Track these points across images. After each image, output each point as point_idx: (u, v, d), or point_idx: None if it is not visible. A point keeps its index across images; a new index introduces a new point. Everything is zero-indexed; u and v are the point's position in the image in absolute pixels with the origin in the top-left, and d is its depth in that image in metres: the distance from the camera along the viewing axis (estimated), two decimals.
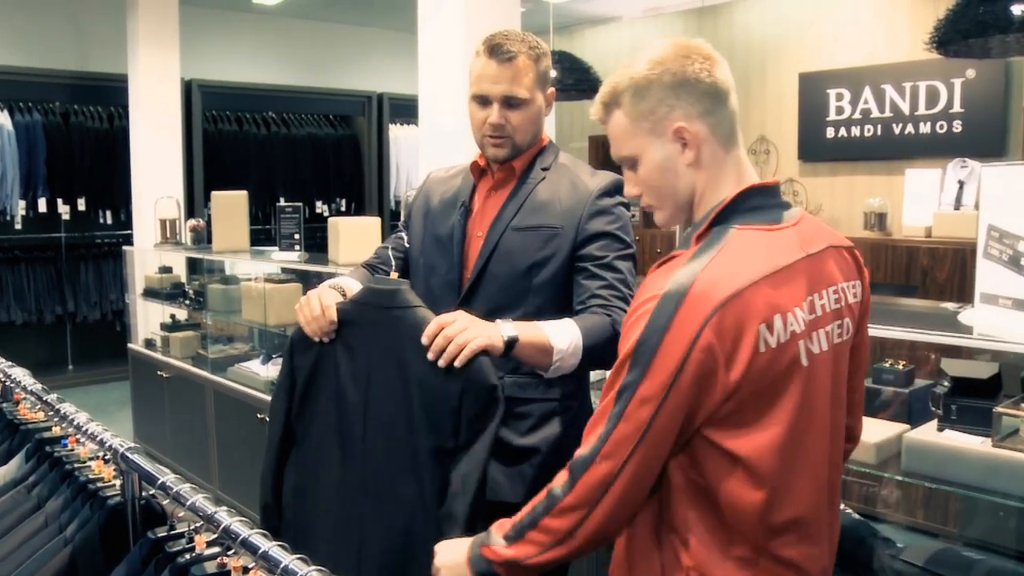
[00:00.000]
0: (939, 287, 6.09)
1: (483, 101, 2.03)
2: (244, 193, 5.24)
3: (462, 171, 2.22)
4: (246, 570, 1.22)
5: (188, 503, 1.30)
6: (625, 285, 1.96)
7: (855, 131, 7.06)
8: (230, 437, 4.70)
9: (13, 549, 1.67)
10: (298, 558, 1.06)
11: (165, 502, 1.39)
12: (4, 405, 2.36)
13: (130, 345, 5.97)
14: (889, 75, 6.83)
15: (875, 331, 2.27)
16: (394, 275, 2.05)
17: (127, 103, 7.11)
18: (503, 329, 1.73)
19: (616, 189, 2.03)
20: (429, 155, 4.07)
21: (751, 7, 7.73)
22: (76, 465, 1.80)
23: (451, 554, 1.49)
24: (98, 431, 1.72)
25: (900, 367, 2.50)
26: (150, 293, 5.89)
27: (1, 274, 7.74)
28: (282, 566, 1.07)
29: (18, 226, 7.62)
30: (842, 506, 2.44)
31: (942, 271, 6.13)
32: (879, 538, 2.33)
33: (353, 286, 2.02)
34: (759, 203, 1.42)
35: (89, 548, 1.57)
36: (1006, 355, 2.26)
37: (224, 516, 1.23)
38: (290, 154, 9.02)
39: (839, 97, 7.10)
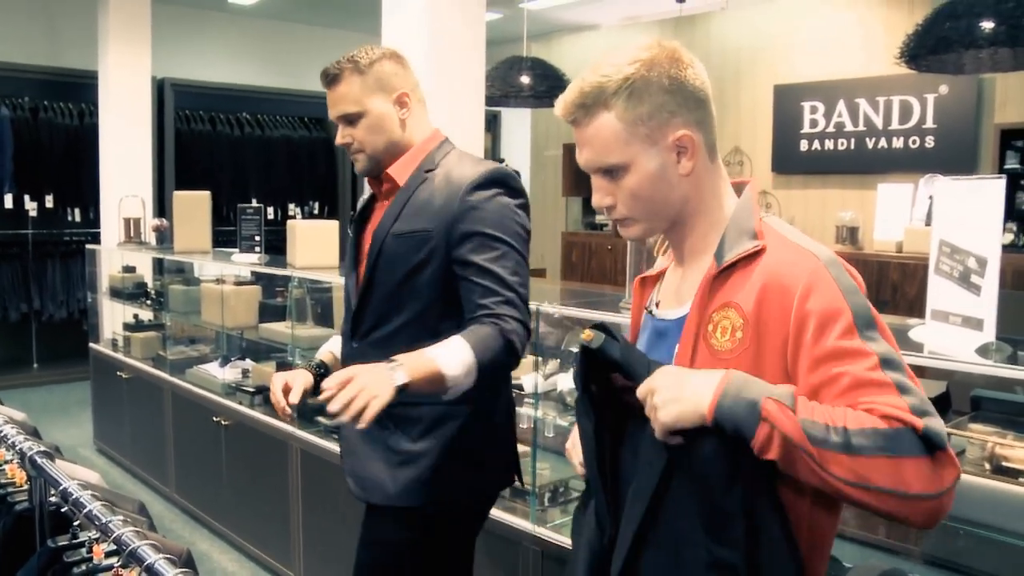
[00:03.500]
0: (909, 303, 6.09)
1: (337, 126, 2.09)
2: (207, 194, 5.17)
3: None
4: None
5: (84, 511, 1.25)
6: (506, 287, 1.92)
7: (828, 144, 7.07)
8: (187, 440, 4.63)
9: None
10: (181, 572, 1.01)
11: (63, 509, 1.33)
12: None
13: (91, 345, 5.89)
14: (863, 89, 6.85)
15: None
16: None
17: (98, 100, 7.03)
18: (395, 378, 1.68)
19: (493, 180, 2.00)
20: None
21: (728, 18, 7.74)
22: None
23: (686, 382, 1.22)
24: (10, 433, 1.66)
25: None
26: (113, 293, 5.81)
27: None
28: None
29: None
30: None
31: (912, 287, 6.13)
32: None
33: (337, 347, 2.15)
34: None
35: None
36: (955, 374, 2.22)
37: (118, 526, 1.18)
38: (264, 156, 8.96)
39: (813, 110, 7.11)
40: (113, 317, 6.00)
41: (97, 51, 6.98)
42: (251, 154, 8.86)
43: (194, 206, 5.09)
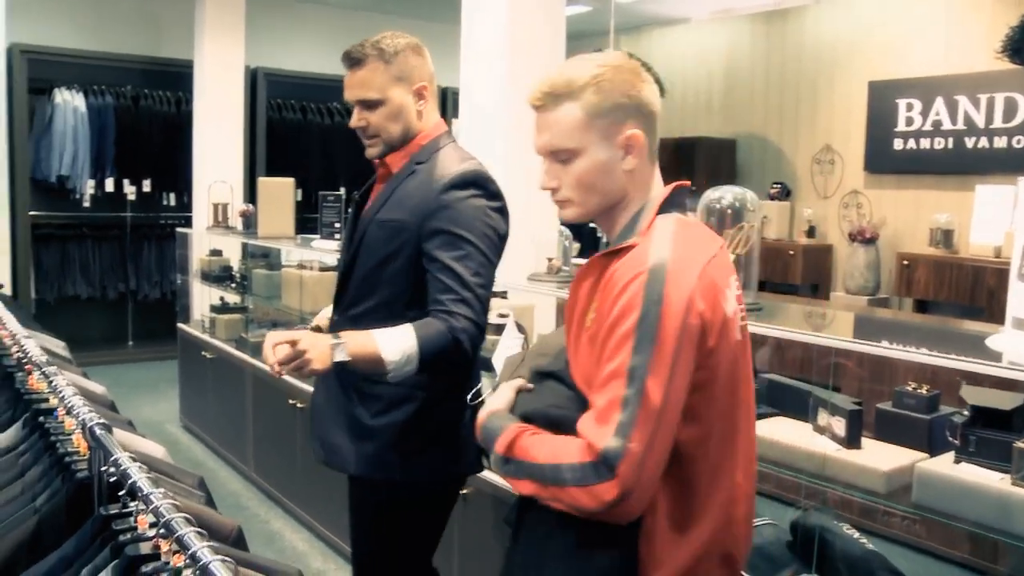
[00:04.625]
0: (1004, 311, 5.85)
1: (353, 107, 2.17)
2: (290, 180, 5.28)
3: None
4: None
5: (129, 482, 1.29)
6: (465, 286, 2.00)
7: (924, 143, 6.83)
8: (265, 421, 4.74)
9: None
10: (207, 546, 1.04)
11: (113, 479, 1.38)
12: (19, 375, 2.40)
13: (179, 325, 6.08)
14: (963, 85, 6.58)
15: (893, 353, 2.17)
16: None
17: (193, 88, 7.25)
18: (335, 354, 1.86)
19: (470, 181, 2.08)
20: (468, 147, 4.03)
21: (823, 11, 7.54)
22: (60, 437, 1.82)
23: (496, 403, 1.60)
24: (77, 404, 1.73)
25: (924, 392, 2.38)
26: (202, 275, 5.99)
27: (69, 250, 7.97)
28: (191, 551, 1.04)
29: (86, 204, 7.83)
30: (855, 534, 2.35)
31: None
32: (890, 571, 2.23)
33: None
34: (682, 200, 1.57)
35: (54, 519, 1.58)
36: None
37: (156, 498, 1.22)
38: (353, 145, 9.03)
39: (909, 107, 6.87)
40: (202, 299, 6.19)
41: (193, 41, 7.20)
42: (340, 143, 8.99)
43: (278, 192, 5.20)
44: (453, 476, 2.30)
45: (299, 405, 4.24)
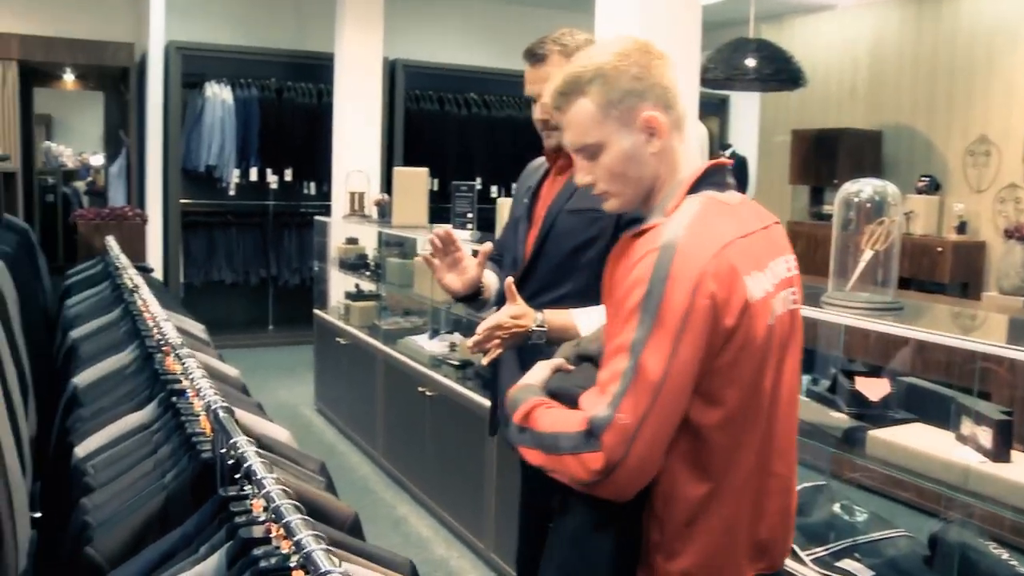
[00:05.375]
0: None
1: (532, 101, 2.27)
2: (424, 170, 5.34)
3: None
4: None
5: (244, 466, 1.31)
6: None
7: None
8: (395, 408, 4.82)
9: (122, 490, 1.76)
10: (312, 535, 1.04)
11: (230, 462, 1.40)
12: (158, 355, 2.50)
13: (315, 311, 6.25)
14: None
15: None
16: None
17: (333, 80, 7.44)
18: (533, 337, 2.04)
19: None
20: None
21: None
22: (189, 417, 1.87)
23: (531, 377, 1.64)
24: (204, 387, 1.77)
25: None
26: (339, 263, 6.14)
27: (215, 237, 8.32)
28: (296, 538, 1.05)
29: (232, 193, 8.15)
30: (1004, 554, 2.20)
31: None
32: None
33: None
34: (719, 180, 1.54)
35: (180, 497, 1.63)
36: None
37: (269, 483, 1.23)
38: (489, 135, 9.14)
39: None
40: (339, 286, 6.35)
41: (334, 34, 7.39)
42: (477, 134, 9.06)
43: (413, 182, 5.27)
44: None
45: (428, 393, 4.29)
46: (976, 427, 2.19)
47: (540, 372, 1.63)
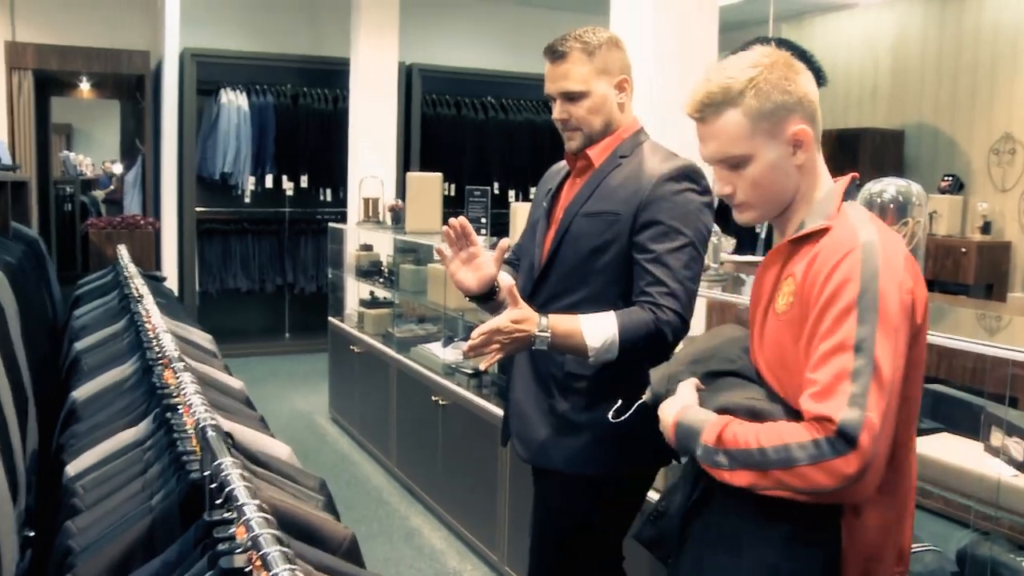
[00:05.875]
0: None
1: (551, 100, 2.19)
2: (438, 175, 5.27)
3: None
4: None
5: (227, 489, 1.23)
6: (676, 280, 2.01)
7: None
8: (408, 417, 4.75)
9: (108, 512, 1.69)
10: (287, 569, 0.96)
11: (213, 485, 1.33)
12: (158, 368, 2.43)
13: (330, 319, 6.19)
14: None
15: None
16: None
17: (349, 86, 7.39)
18: (537, 343, 1.95)
19: (685, 175, 2.08)
20: None
21: None
22: (182, 434, 1.80)
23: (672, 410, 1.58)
24: (196, 402, 1.70)
25: None
26: (353, 270, 6.07)
27: (230, 245, 8.29)
28: (273, 572, 0.97)
29: (247, 200, 8.13)
30: None
31: None
32: None
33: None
34: (853, 191, 1.58)
35: (167, 520, 1.56)
36: None
37: (250, 509, 1.15)
38: (507, 140, 9.06)
39: None
40: (354, 293, 6.29)
41: (350, 39, 7.34)
42: (494, 138, 8.99)
43: (426, 187, 5.20)
44: (650, 472, 2.29)
45: (441, 402, 4.21)
46: (1007, 439, 2.08)
47: (689, 392, 1.60)
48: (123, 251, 4.79)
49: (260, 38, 8.25)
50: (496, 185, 8.73)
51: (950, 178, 7.08)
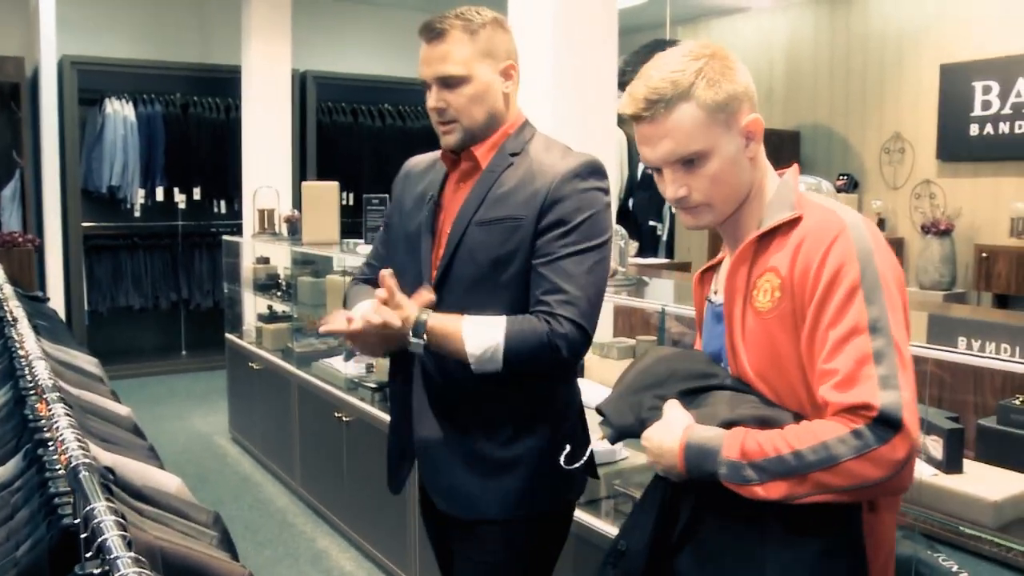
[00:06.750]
0: None
1: (426, 87, 1.90)
2: (335, 184, 5.11)
3: (436, 161, 2.04)
4: None
5: (98, 540, 1.09)
6: (578, 287, 1.77)
7: (1004, 128, 6.42)
8: (311, 434, 4.57)
9: None
10: None
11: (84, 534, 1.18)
12: (32, 398, 2.23)
13: (227, 335, 5.95)
14: None
15: (987, 362, 1.88)
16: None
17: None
18: (411, 346, 1.75)
19: (591, 172, 1.85)
20: None
21: None
22: (55, 474, 1.62)
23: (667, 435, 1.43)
24: (68, 437, 1.54)
25: None
26: (251, 284, 5.85)
27: (121, 261, 7.94)
28: None
29: (137, 214, 7.80)
30: (954, 567, 2.08)
31: None
32: None
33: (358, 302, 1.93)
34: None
35: (35, 574, 1.39)
36: None
37: (125, 564, 1.01)
38: (405, 147, 8.88)
39: (986, 90, 6.47)
40: (252, 308, 6.06)
41: (241, 46, 7.10)
42: (393, 145, 8.82)
43: (323, 197, 5.04)
44: (573, 499, 2.03)
45: (345, 418, 4.05)
46: (926, 437, 2.06)
47: (681, 412, 1.45)
48: None
49: (146, 45, 7.92)
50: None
51: (845, 177, 7.23)
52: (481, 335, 1.75)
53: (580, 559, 2.64)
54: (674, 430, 1.41)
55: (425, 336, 1.74)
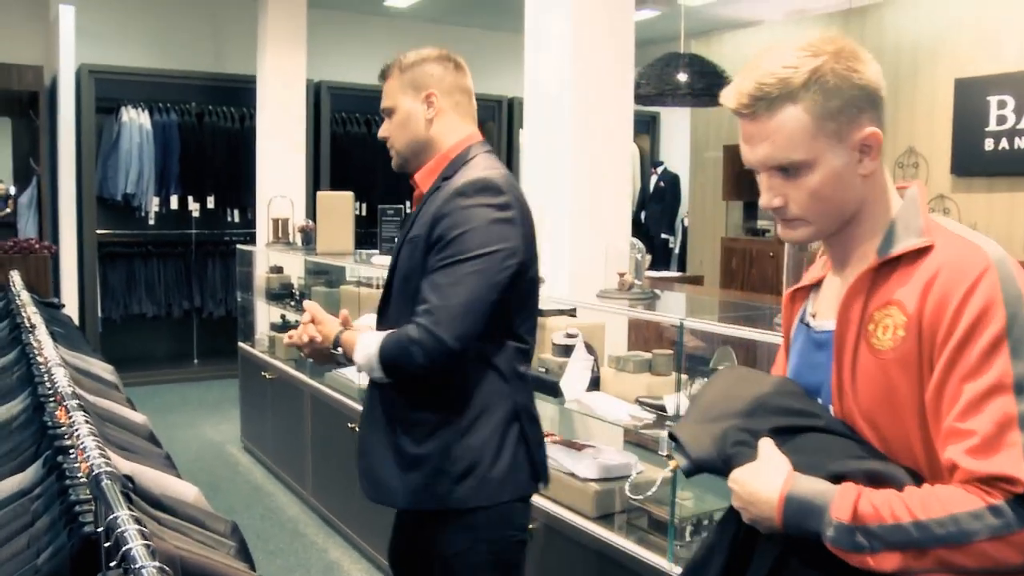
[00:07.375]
0: None
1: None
2: (349, 194, 5.12)
3: None
4: None
5: (123, 549, 1.09)
6: (440, 296, 1.91)
7: (1019, 143, 6.40)
8: (324, 444, 4.58)
9: None
10: None
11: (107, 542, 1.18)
12: (51, 405, 2.24)
13: (240, 344, 5.96)
14: None
15: None
16: None
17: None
18: (335, 356, 2.11)
19: (478, 189, 1.97)
20: (533, 159, 3.84)
21: (902, 8, 7.16)
22: (75, 481, 1.63)
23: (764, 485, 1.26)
24: (89, 445, 1.54)
25: None
26: (264, 293, 5.86)
27: (134, 268, 7.97)
28: None
29: (151, 222, 7.83)
30: None
31: None
32: None
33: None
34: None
35: None
36: None
37: (150, 573, 1.01)
38: None
39: (1002, 104, 6.45)
40: (266, 317, 6.07)
41: (256, 56, 7.14)
42: None
43: (337, 207, 5.05)
44: (512, 501, 2.09)
45: (357, 428, 4.05)
46: None
47: (779, 456, 1.28)
48: (15, 277, 4.51)
49: (162, 54, 7.97)
50: (408, 204, 8.57)
51: None
52: (367, 346, 1.97)
53: (595, 574, 2.64)
54: (773, 478, 1.25)
55: (340, 348, 2.05)
